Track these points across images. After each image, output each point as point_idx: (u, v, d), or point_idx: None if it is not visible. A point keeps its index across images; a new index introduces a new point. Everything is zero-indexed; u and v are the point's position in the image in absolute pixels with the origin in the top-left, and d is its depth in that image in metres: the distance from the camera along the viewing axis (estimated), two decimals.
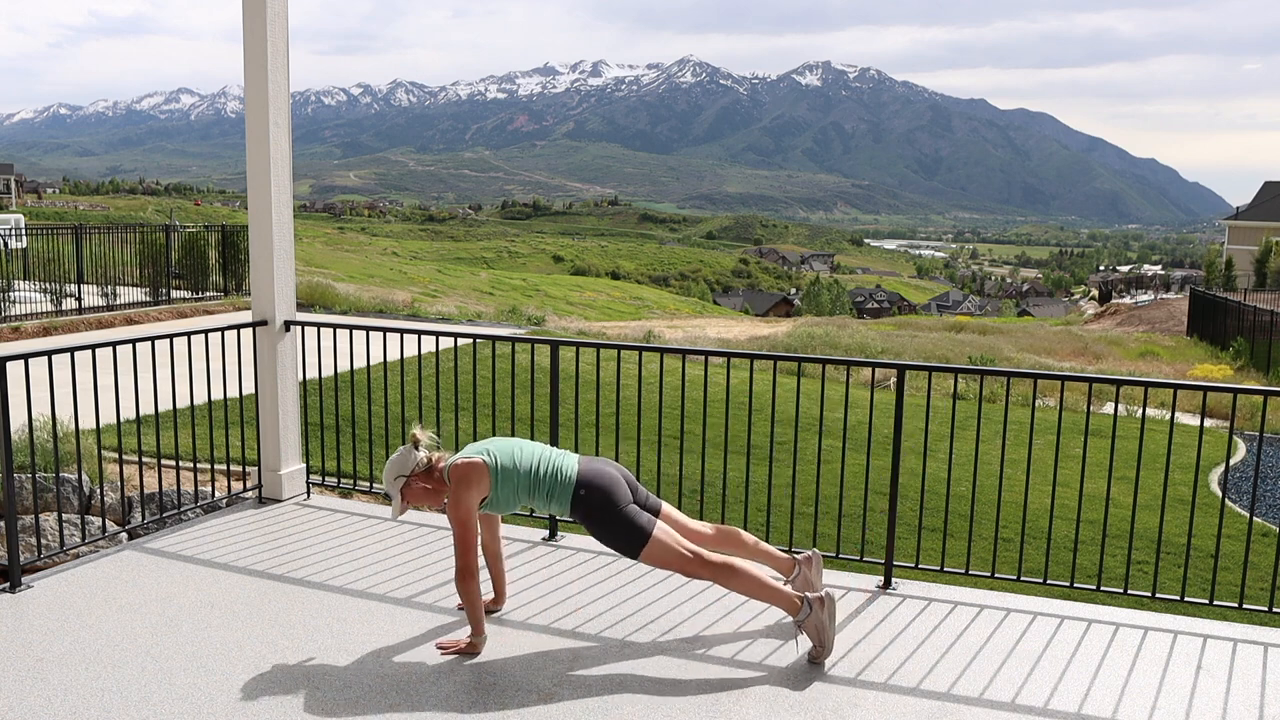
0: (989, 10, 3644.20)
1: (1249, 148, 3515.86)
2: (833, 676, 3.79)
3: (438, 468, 4.03)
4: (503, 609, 4.34)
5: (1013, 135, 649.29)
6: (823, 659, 3.86)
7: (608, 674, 3.78)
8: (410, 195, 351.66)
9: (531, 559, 4.96)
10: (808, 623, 3.84)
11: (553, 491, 3.91)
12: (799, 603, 3.86)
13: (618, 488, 3.90)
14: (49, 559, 5.05)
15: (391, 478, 4.04)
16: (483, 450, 3.97)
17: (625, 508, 3.87)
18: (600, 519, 3.86)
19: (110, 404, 5.37)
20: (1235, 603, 4.41)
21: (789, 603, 3.87)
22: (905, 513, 7.42)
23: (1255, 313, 21.48)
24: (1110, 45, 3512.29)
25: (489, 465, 3.90)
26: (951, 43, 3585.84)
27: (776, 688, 3.68)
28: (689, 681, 3.73)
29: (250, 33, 5.40)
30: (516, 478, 3.92)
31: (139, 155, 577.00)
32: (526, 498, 3.96)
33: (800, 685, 3.71)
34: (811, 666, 3.85)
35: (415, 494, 4.03)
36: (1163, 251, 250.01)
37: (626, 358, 11.68)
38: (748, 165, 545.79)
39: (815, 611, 3.83)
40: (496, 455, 3.93)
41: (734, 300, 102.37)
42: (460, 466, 3.90)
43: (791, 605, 3.87)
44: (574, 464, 3.97)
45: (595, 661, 3.88)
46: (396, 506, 4.05)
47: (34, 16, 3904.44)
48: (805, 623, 3.85)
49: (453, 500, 3.90)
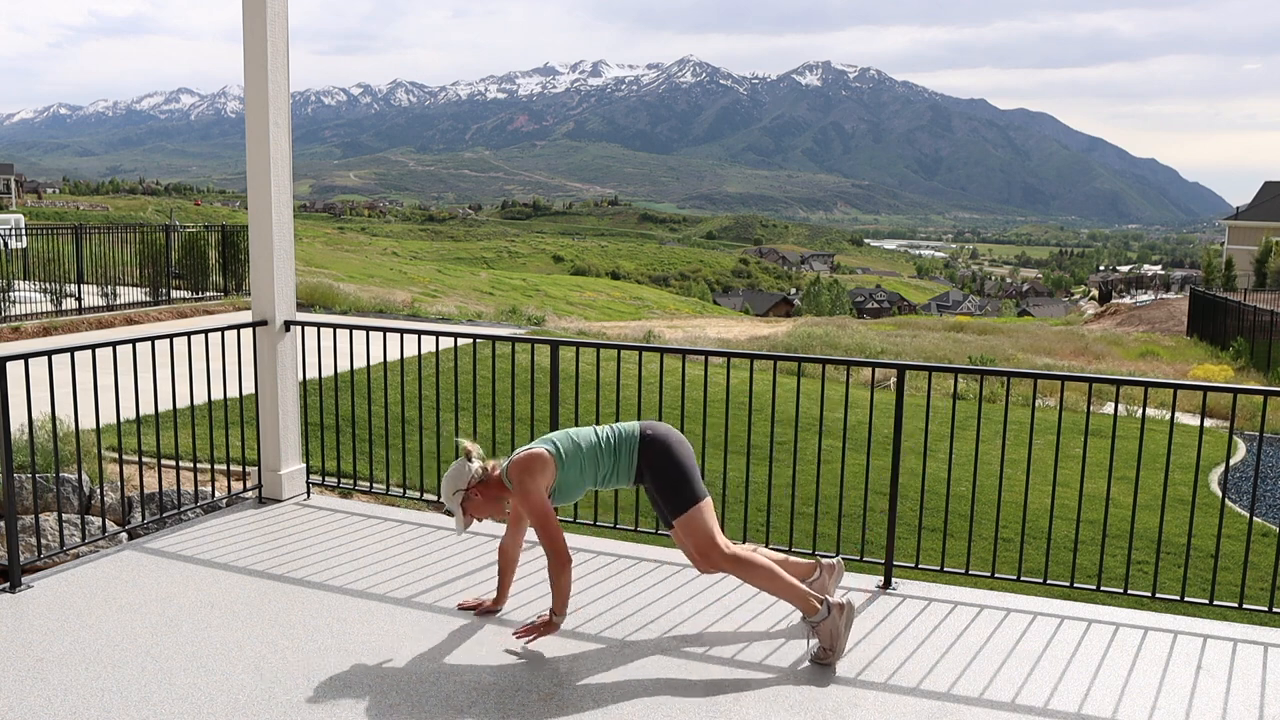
0: (989, 10, 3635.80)
1: (1249, 148, 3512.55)
2: (833, 676, 3.78)
3: (494, 475, 4.03)
4: (503, 609, 4.34)
5: (1013, 135, 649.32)
6: (830, 662, 3.86)
7: (608, 674, 3.78)
8: (410, 195, 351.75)
9: (531, 559, 4.96)
10: (823, 626, 3.85)
11: (619, 451, 3.96)
12: (817, 605, 3.87)
13: (684, 445, 4.02)
14: (49, 559, 5.05)
15: (450, 493, 4.01)
16: (540, 441, 4.01)
17: (688, 461, 3.98)
18: (661, 465, 3.93)
19: (110, 404, 5.37)
20: (1235, 603, 4.41)
21: (806, 602, 3.89)
22: (905, 513, 7.42)
23: (1255, 313, 21.48)
24: (1110, 45, 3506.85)
25: (551, 452, 3.92)
26: (951, 43, 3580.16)
27: (776, 688, 3.68)
28: (689, 681, 3.73)
29: (250, 33, 5.40)
30: (581, 455, 3.96)
31: (139, 155, 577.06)
32: (593, 474, 3.99)
33: (800, 685, 3.71)
34: (812, 667, 3.85)
35: (476, 505, 4.02)
36: (1163, 251, 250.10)
37: (626, 358, 11.68)
38: (748, 165, 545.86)
39: (833, 616, 3.85)
40: (555, 441, 3.98)
41: (734, 300, 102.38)
42: (520, 459, 3.91)
43: (809, 605, 3.88)
44: (635, 423, 4.08)
45: (595, 661, 3.88)
46: (460, 521, 4.04)
47: (34, 16, 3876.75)
48: (820, 625, 3.86)
49: (520, 494, 3.90)
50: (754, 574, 3.91)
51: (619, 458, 3.99)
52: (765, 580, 3.91)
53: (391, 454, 7.92)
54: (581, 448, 3.98)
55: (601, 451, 3.99)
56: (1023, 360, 17.91)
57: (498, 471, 4.02)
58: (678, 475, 3.94)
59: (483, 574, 4.72)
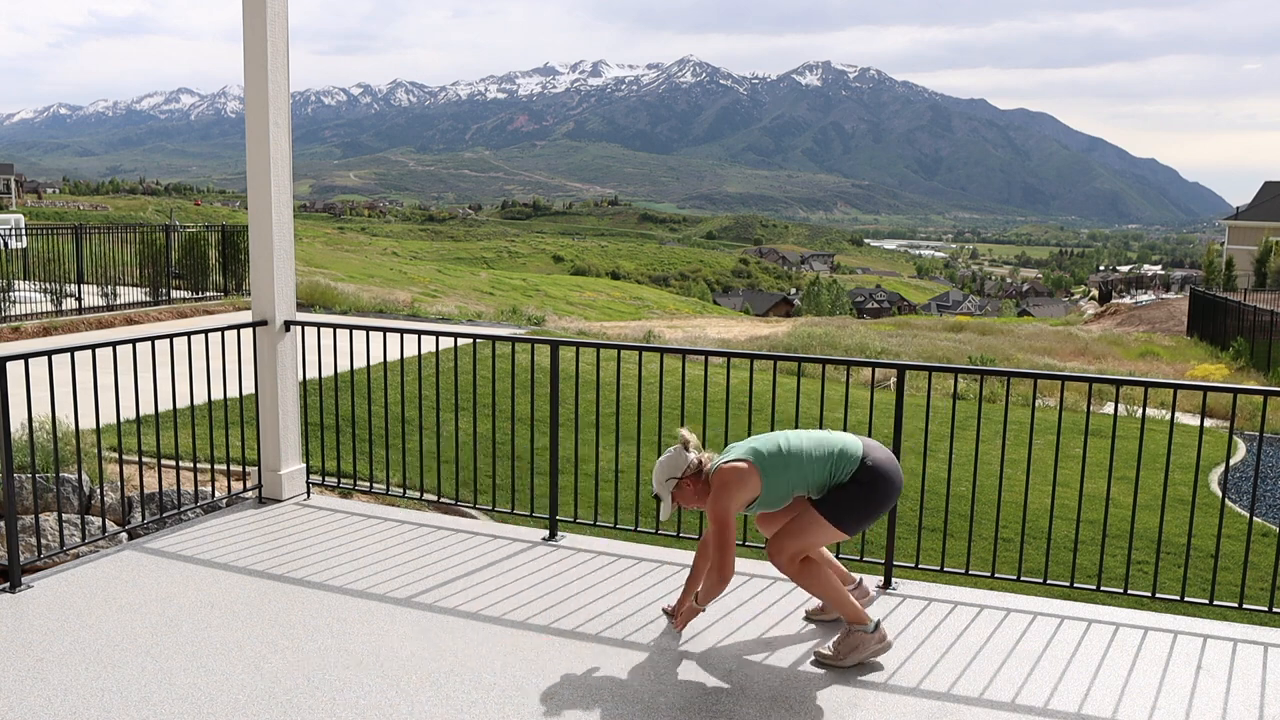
0: (989, 10, 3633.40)
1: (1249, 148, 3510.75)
2: (833, 677, 3.79)
3: (705, 469, 4.01)
4: (503, 609, 4.34)
5: (1013, 135, 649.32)
6: (831, 666, 3.86)
7: (608, 674, 3.78)
8: (410, 195, 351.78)
9: (531, 559, 4.96)
10: (856, 637, 3.86)
11: (837, 468, 3.86)
12: (867, 619, 3.90)
13: (891, 486, 3.88)
14: (49, 559, 5.05)
15: (663, 479, 4.00)
16: (748, 451, 3.91)
17: (882, 505, 3.88)
18: (854, 492, 3.84)
19: (110, 404, 5.37)
20: (1235, 603, 4.41)
21: (859, 614, 3.90)
22: (905, 513, 7.42)
23: (1255, 313, 21.48)
24: (1110, 45, 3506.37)
25: (758, 467, 3.86)
26: (951, 43, 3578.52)
27: (776, 688, 3.68)
28: (689, 682, 3.73)
29: (250, 33, 5.40)
30: (788, 468, 3.87)
31: (139, 155, 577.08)
32: (801, 487, 3.91)
33: (800, 685, 3.71)
34: (813, 667, 3.85)
35: (685, 495, 4.00)
36: (1163, 251, 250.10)
37: (626, 358, 11.68)
38: (748, 165, 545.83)
39: (872, 637, 3.88)
40: (763, 452, 3.88)
41: (734, 300, 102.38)
42: (724, 471, 3.87)
43: (860, 617, 3.89)
44: (857, 441, 3.95)
45: (595, 661, 3.88)
46: (666, 507, 4.03)
47: (34, 16, 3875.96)
48: (853, 635, 3.87)
49: (713, 500, 3.88)
50: (813, 583, 3.91)
51: (833, 475, 3.88)
52: (821, 588, 3.91)
53: (391, 454, 7.92)
54: (789, 460, 3.86)
55: (812, 466, 3.87)
56: (1023, 360, 17.91)
57: (710, 466, 4.00)
58: (858, 505, 3.84)
59: (483, 574, 4.72)
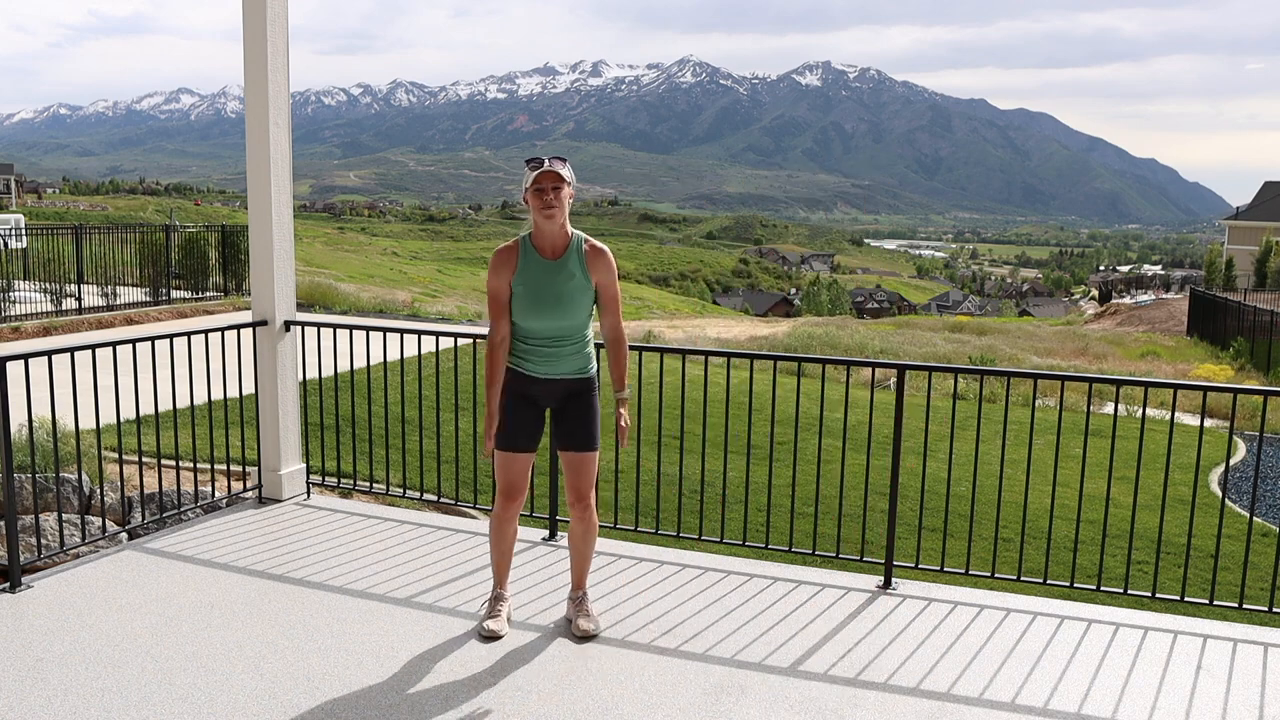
0: (993, 10, 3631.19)
1: (1250, 148, 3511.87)
2: (833, 676, 3.79)
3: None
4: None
5: (1013, 135, 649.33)
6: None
7: (608, 674, 3.78)
8: (410, 195, 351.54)
9: (531, 559, 4.96)
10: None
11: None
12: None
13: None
14: (49, 559, 5.05)
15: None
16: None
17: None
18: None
19: (110, 404, 5.37)
20: (1235, 603, 4.41)
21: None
22: (905, 513, 7.42)
23: (1255, 313, 21.48)
24: (1113, 45, 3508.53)
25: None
26: (954, 42, 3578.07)
27: (776, 688, 3.68)
28: (689, 681, 3.72)
29: (250, 32, 5.39)
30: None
31: (139, 155, 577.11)
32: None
33: (800, 685, 3.71)
34: (810, 668, 3.85)
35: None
36: (1163, 251, 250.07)
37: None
38: (748, 165, 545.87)
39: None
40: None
41: (734, 300, 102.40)
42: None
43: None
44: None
45: (595, 661, 3.88)
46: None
47: (34, 16, 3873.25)
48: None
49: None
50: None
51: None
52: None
53: (391, 454, 7.92)
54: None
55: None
56: (1023, 360, 17.91)
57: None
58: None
59: (483, 574, 4.72)
